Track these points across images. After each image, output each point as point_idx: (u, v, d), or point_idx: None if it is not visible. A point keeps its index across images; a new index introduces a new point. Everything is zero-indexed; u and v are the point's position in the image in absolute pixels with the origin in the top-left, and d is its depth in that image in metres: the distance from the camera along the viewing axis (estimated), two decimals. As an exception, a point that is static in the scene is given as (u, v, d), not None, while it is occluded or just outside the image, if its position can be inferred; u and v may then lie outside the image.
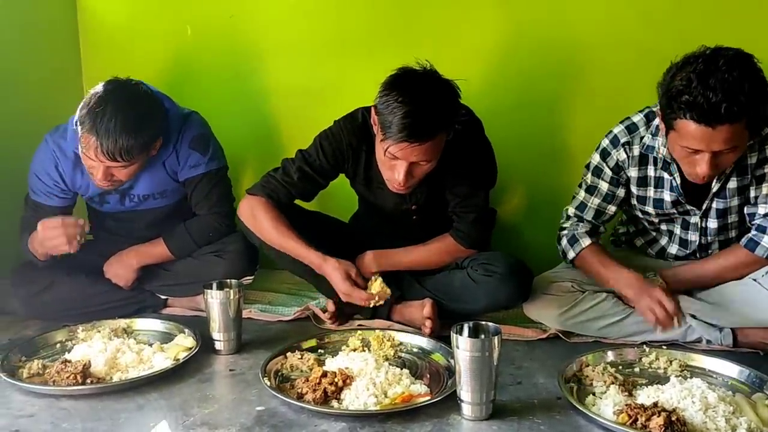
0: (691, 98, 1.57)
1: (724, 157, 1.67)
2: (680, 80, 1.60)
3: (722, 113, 1.55)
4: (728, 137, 1.60)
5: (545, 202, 2.50)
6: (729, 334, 1.89)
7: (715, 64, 1.56)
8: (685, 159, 1.71)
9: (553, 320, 2.00)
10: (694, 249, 2.00)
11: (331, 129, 2.02)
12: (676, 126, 1.64)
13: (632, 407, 1.46)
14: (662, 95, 1.67)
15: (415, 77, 1.77)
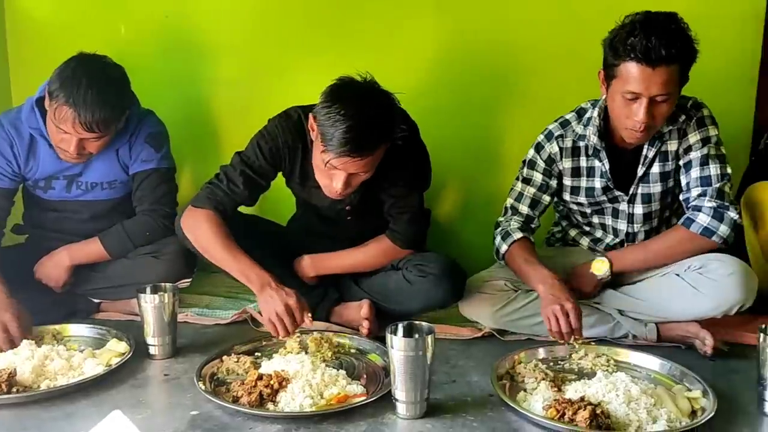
0: (636, 39, 1.72)
1: (658, 107, 1.79)
2: (625, 30, 1.76)
3: (662, 53, 1.71)
4: (665, 80, 1.74)
5: (480, 203, 2.55)
6: (653, 329, 1.98)
7: (656, 17, 1.76)
8: (624, 110, 1.82)
9: (487, 319, 2.05)
10: (623, 238, 2.09)
11: (267, 128, 2.01)
12: (620, 72, 1.78)
13: (560, 402, 1.51)
14: (607, 46, 1.82)
15: (357, 90, 1.78)
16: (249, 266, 1.86)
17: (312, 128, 1.84)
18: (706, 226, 1.88)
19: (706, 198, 1.89)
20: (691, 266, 1.91)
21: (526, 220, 2.07)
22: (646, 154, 1.96)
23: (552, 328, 1.78)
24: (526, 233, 2.04)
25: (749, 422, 1.54)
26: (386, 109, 1.78)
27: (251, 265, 1.86)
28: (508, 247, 2.02)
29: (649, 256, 1.98)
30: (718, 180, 1.90)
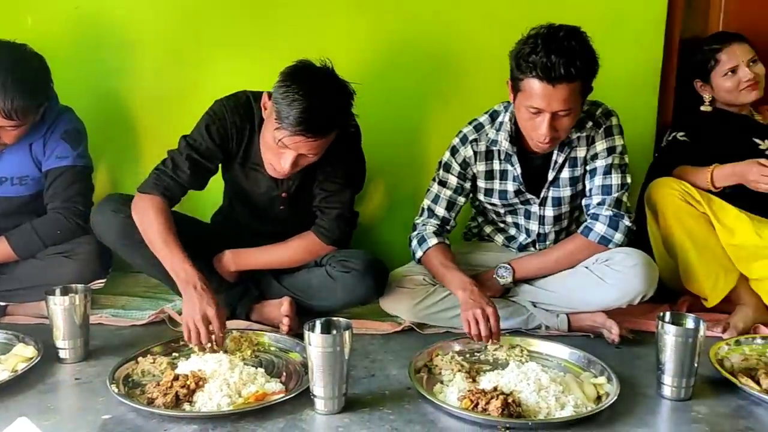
0: (537, 57, 1.77)
1: (560, 121, 1.86)
2: (528, 45, 1.80)
3: (562, 72, 1.76)
4: (566, 97, 1.80)
5: (403, 201, 2.58)
6: (564, 320, 2.06)
7: (557, 33, 1.80)
8: (529, 123, 1.89)
9: (407, 313, 2.09)
10: (534, 238, 2.18)
11: (214, 109, 2.00)
12: (524, 86, 1.83)
13: (474, 392, 1.56)
14: (513, 60, 1.86)
15: (316, 73, 1.81)
16: (180, 262, 1.84)
17: (265, 106, 1.86)
18: (602, 234, 1.98)
19: (604, 207, 1.99)
20: (599, 259, 2.01)
21: (442, 222, 2.12)
22: (555, 160, 2.04)
23: (472, 332, 1.82)
24: (441, 237, 2.09)
25: (648, 404, 1.63)
26: (343, 94, 1.82)
27: (183, 260, 1.84)
28: (423, 253, 2.07)
29: (549, 263, 2.08)
30: (617, 189, 2.00)
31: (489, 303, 1.85)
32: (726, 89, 2.33)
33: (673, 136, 2.34)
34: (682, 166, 2.23)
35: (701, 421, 1.55)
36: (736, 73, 2.30)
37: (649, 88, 2.49)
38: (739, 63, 2.30)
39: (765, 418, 1.58)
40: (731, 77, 2.31)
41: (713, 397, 1.67)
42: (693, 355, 1.61)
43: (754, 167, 2.05)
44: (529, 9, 2.42)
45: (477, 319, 1.81)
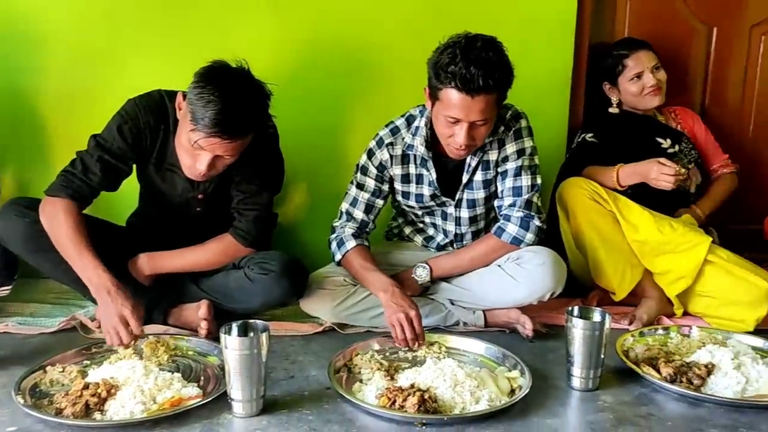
0: (456, 68, 1.79)
1: (477, 130, 1.91)
2: (447, 55, 1.82)
3: (481, 83, 1.79)
4: (483, 108, 1.84)
5: (324, 202, 2.57)
6: (481, 316, 2.12)
7: (475, 44, 1.83)
8: (446, 131, 1.92)
9: (327, 313, 2.09)
10: (452, 238, 2.23)
11: (126, 108, 1.94)
12: (442, 96, 1.86)
13: (391, 390, 1.58)
14: (431, 69, 1.88)
15: (232, 73, 1.78)
16: (92, 266, 1.79)
17: (179, 107, 1.82)
18: (514, 235, 2.05)
19: (516, 208, 2.06)
20: (510, 257, 2.08)
21: (361, 225, 2.14)
22: (469, 163, 2.09)
23: (398, 336, 1.84)
24: (361, 239, 2.11)
25: (558, 396, 1.69)
26: (259, 95, 1.81)
27: (95, 265, 1.79)
28: (343, 256, 2.08)
29: (464, 263, 2.13)
30: (528, 191, 2.07)
31: (411, 305, 1.87)
32: (632, 93, 2.45)
33: (583, 137, 2.44)
34: (590, 166, 2.33)
35: (607, 409, 1.63)
36: (641, 78, 2.43)
37: (561, 91, 2.59)
38: (644, 69, 2.42)
39: (665, 404, 1.67)
40: (636, 82, 2.43)
41: (618, 386, 1.75)
42: (600, 347, 1.69)
43: (654, 166, 2.16)
44: (443, 14, 2.48)
45: (402, 323, 1.83)
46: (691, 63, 2.77)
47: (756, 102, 2.82)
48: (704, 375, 1.73)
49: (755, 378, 1.71)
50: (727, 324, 2.12)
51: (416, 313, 1.85)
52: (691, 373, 1.73)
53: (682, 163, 2.37)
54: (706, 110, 2.81)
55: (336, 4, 2.50)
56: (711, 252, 2.16)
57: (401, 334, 1.83)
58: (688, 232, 2.20)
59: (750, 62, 2.79)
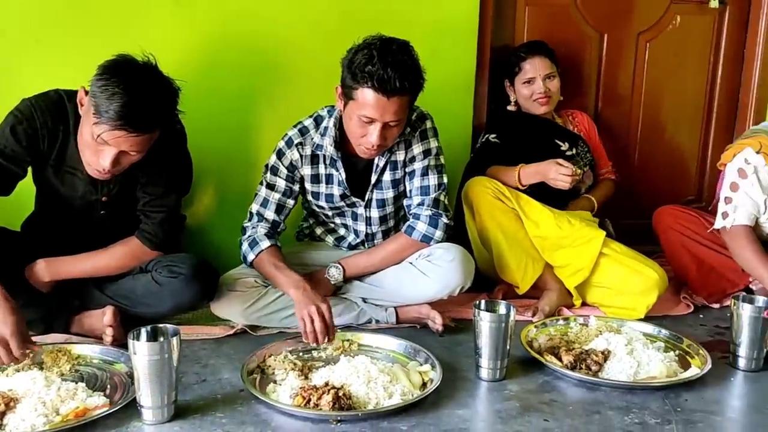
0: (373, 69, 1.82)
1: (390, 131, 1.94)
2: (363, 56, 1.85)
3: (397, 85, 1.83)
4: (397, 109, 1.88)
5: (234, 203, 2.54)
6: (393, 313, 2.16)
7: (391, 47, 1.87)
8: (360, 131, 1.94)
9: (239, 316, 2.07)
10: (363, 238, 2.26)
11: (20, 109, 1.85)
12: (357, 96, 1.88)
13: (306, 389, 1.59)
14: (346, 69, 1.90)
15: (138, 67, 1.73)
16: None
17: (81, 102, 1.75)
18: (424, 233, 2.10)
19: (424, 206, 2.12)
20: (421, 254, 2.13)
21: (273, 225, 2.12)
22: (377, 163, 2.12)
23: (307, 329, 1.83)
24: (273, 240, 2.09)
25: (468, 387, 1.76)
26: (167, 90, 1.76)
27: None
28: (256, 256, 2.06)
29: (376, 261, 2.16)
30: (435, 190, 2.13)
31: (323, 300, 1.88)
32: (523, 96, 2.58)
33: (486, 137, 2.54)
34: (494, 165, 2.43)
35: (513, 398, 1.71)
36: (531, 84, 2.55)
37: (465, 92, 2.67)
38: (536, 76, 2.54)
39: (566, 390, 1.77)
40: (528, 86, 2.55)
41: (524, 375, 1.84)
42: (506, 338, 1.77)
43: (553, 167, 2.28)
44: (351, 15, 2.51)
45: (312, 316, 1.83)
46: (585, 67, 2.93)
47: (644, 104, 3.02)
48: (601, 361, 1.84)
49: (646, 362, 1.84)
50: (621, 312, 2.26)
51: (327, 306, 1.86)
52: (590, 360, 1.84)
53: (579, 165, 2.50)
54: (599, 112, 2.97)
55: (244, 3, 2.47)
56: (605, 245, 2.30)
57: (310, 327, 1.83)
58: (584, 227, 2.33)
59: (637, 67, 2.98)
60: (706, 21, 2.99)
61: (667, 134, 3.08)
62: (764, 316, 1.87)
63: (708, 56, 3.03)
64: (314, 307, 1.84)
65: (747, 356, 1.90)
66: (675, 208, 2.58)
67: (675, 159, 3.12)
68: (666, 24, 2.95)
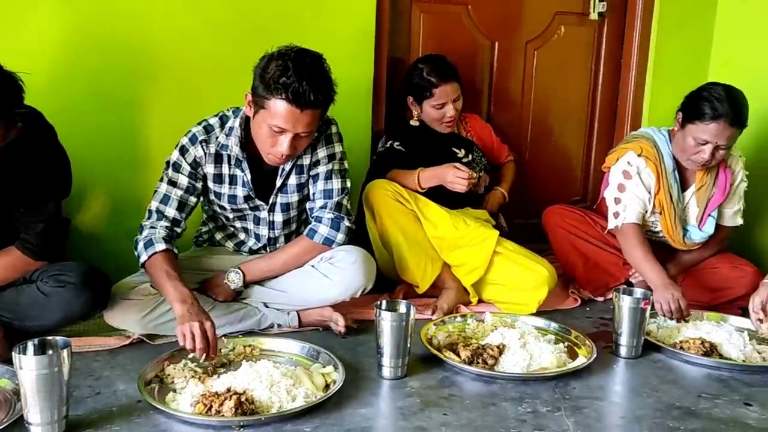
0: (288, 81, 1.82)
1: (300, 141, 1.95)
2: (277, 67, 1.84)
3: (311, 98, 1.84)
4: (309, 121, 1.90)
5: (126, 206, 2.46)
6: (295, 317, 2.16)
7: (305, 59, 1.88)
8: (269, 140, 1.93)
9: (135, 325, 2.01)
10: (265, 242, 2.24)
11: None
12: (269, 106, 1.87)
13: (207, 396, 1.57)
14: (258, 78, 1.89)
15: None
16: None
17: None
18: (326, 236, 2.12)
19: (326, 210, 2.13)
20: (323, 257, 2.14)
21: (173, 223, 2.06)
22: (283, 167, 2.11)
23: (187, 346, 1.75)
24: (170, 245, 2.01)
25: (370, 386, 1.79)
26: (7, 82, 1.63)
27: None
28: (149, 257, 1.98)
29: (277, 265, 2.16)
30: (338, 193, 2.15)
31: (207, 318, 1.81)
32: (432, 117, 2.62)
33: (391, 144, 2.58)
34: (394, 170, 2.48)
35: (414, 394, 1.75)
36: (443, 108, 2.60)
37: (364, 99, 2.72)
38: (448, 101, 2.59)
39: (464, 384, 1.83)
40: (438, 110, 2.60)
41: (424, 371, 1.89)
42: (406, 336, 1.81)
43: (450, 170, 2.36)
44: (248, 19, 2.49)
45: (194, 332, 1.75)
46: (478, 73, 3.05)
47: (533, 109, 3.18)
48: (497, 355, 1.92)
49: (538, 354, 1.94)
50: (514, 308, 2.37)
51: (211, 324, 1.78)
52: (486, 355, 1.92)
53: (475, 170, 2.60)
54: (491, 116, 3.10)
55: (137, 4, 2.39)
56: (499, 244, 2.41)
57: (190, 344, 1.74)
58: (479, 227, 2.43)
59: (526, 74, 3.13)
60: (587, 32, 3.19)
61: (554, 138, 3.26)
62: (642, 307, 2.02)
63: (590, 65, 3.23)
64: (196, 323, 1.76)
65: (627, 344, 2.04)
66: (562, 207, 2.73)
67: (562, 162, 3.30)
68: (551, 34, 3.12)
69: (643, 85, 3.22)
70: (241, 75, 2.03)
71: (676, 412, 1.71)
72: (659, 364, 2.02)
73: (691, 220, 2.52)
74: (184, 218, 2.10)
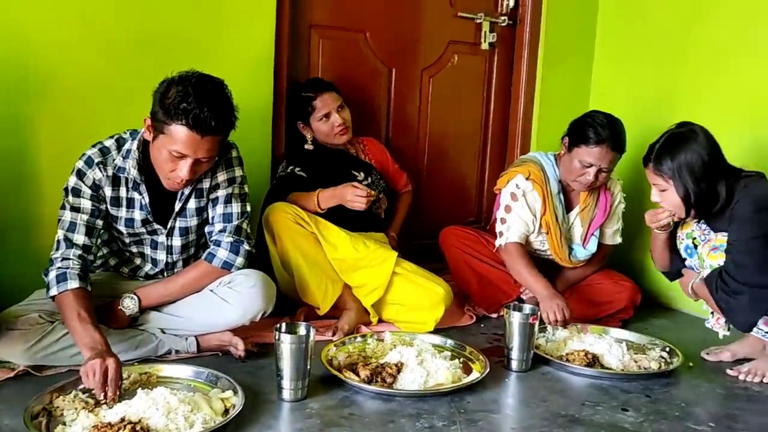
0: (189, 107, 1.82)
1: (200, 166, 1.95)
2: (178, 92, 1.83)
3: (212, 125, 1.85)
4: (211, 147, 1.90)
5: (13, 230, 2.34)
6: (193, 342, 2.13)
7: (206, 85, 1.88)
8: (169, 165, 1.92)
9: (21, 356, 1.91)
10: (162, 267, 2.20)
11: None
12: (169, 131, 1.86)
13: (99, 427, 1.53)
14: (158, 103, 1.87)
15: None
16: None
17: None
18: (225, 260, 2.11)
19: (226, 233, 2.13)
20: (222, 281, 2.13)
21: (84, 250, 1.99)
22: (182, 191, 2.09)
23: (89, 385, 1.71)
24: (84, 282, 1.93)
25: (271, 409, 1.79)
26: None
27: None
28: (59, 293, 1.90)
29: (175, 290, 2.12)
30: (238, 217, 2.15)
31: (112, 356, 1.76)
32: (323, 132, 2.69)
33: (292, 169, 2.61)
34: (294, 192, 2.51)
35: (314, 415, 1.77)
36: (329, 118, 2.67)
37: (263, 123, 2.73)
38: (331, 110, 2.66)
39: (364, 403, 1.87)
40: (326, 122, 2.67)
41: (324, 392, 1.91)
42: (306, 358, 1.83)
43: (349, 189, 2.42)
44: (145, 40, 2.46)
45: (95, 370, 1.69)
46: (376, 99, 3.13)
47: (429, 134, 3.30)
48: (395, 373, 1.98)
49: (434, 370, 2.01)
50: (413, 326, 2.44)
51: (114, 362, 1.73)
52: (385, 373, 1.97)
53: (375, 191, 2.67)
54: (390, 140, 3.19)
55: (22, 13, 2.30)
56: (398, 265, 2.48)
57: (92, 383, 1.70)
58: (378, 248, 2.49)
59: (423, 99, 3.25)
60: (479, 61, 3.35)
61: (450, 161, 3.39)
62: (531, 322, 2.14)
63: (482, 92, 3.40)
64: (98, 361, 1.71)
65: (518, 358, 2.15)
66: (458, 228, 2.85)
67: (458, 184, 3.43)
68: (446, 62, 3.26)
69: (531, 111, 3.42)
70: (137, 96, 2.01)
71: (562, 420, 1.83)
72: (548, 376, 2.15)
73: (575, 239, 2.70)
74: (94, 243, 2.04)
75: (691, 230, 2.28)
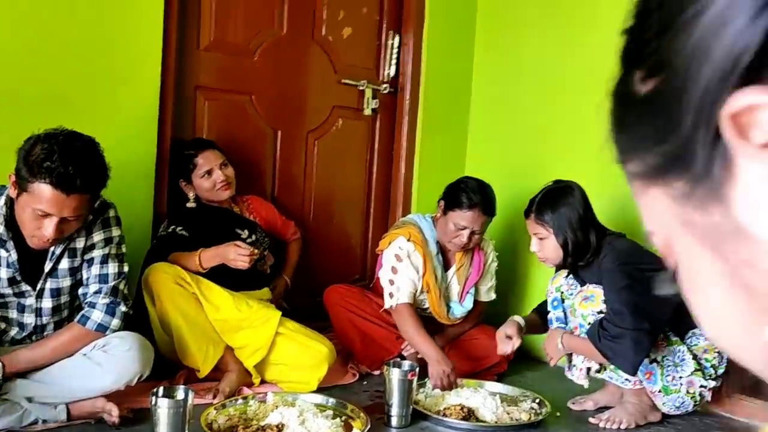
0: (53, 166, 1.78)
1: (68, 224, 1.90)
2: (42, 150, 1.79)
3: (78, 184, 1.81)
4: (77, 205, 1.86)
5: None
6: (63, 410, 2.02)
7: (74, 143, 1.85)
8: (34, 224, 1.87)
9: None
10: (31, 331, 2.11)
11: None
12: (33, 189, 1.81)
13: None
14: (22, 160, 1.82)
15: None
16: None
17: None
18: (99, 322, 2.06)
19: (101, 295, 2.08)
20: (97, 345, 2.06)
21: None
22: (53, 251, 2.03)
23: None
24: None
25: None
26: None
27: None
28: None
29: (45, 355, 2.03)
30: (114, 278, 2.11)
31: None
32: (205, 189, 2.70)
33: (173, 229, 2.59)
34: (175, 252, 2.48)
35: (192, 481, 1.74)
36: (211, 175, 2.69)
37: (146, 180, 2.69)
38: (213, 167, 2.69)
39: (243, 467, 1.86)
40: (208, 179, 2.69)
41: (203, 458, 1.88)
42: (183, 422, 1.81)
43: (232, 248, 2.42)
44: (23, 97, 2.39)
45: None
46: (262, 159, 3.17)
47: (314, 195, 3.37)
48: (275, 435, 1.98)
49: (316, 430, 2.03)
50: (296, 386, 2.45)
51: None
52: (264, 435, 1.97)
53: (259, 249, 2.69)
54: (276, 200, 3.23)
55: None
56: (281, 324, 2.50)
57: None
58: (261, 308, 2.50)
59: (308, 161, 3.33)
60: (362, 126, 3.50)
61: (335, 222, 3.47)
62: (409, 378, 2.21)
63: (365, 155, 3.54)
64: None
65: (398, 414, 2.22)
66: (342, 286, 2.92)
67: (343, 243, 3.51)
68: (330, 125, 3.38)
69: (412, 175, 3.58)
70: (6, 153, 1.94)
71: (438, 474, 1.90)
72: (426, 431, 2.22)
73: (453, 296, 2.83)
74: None
75: (560, 284, 2.48)
